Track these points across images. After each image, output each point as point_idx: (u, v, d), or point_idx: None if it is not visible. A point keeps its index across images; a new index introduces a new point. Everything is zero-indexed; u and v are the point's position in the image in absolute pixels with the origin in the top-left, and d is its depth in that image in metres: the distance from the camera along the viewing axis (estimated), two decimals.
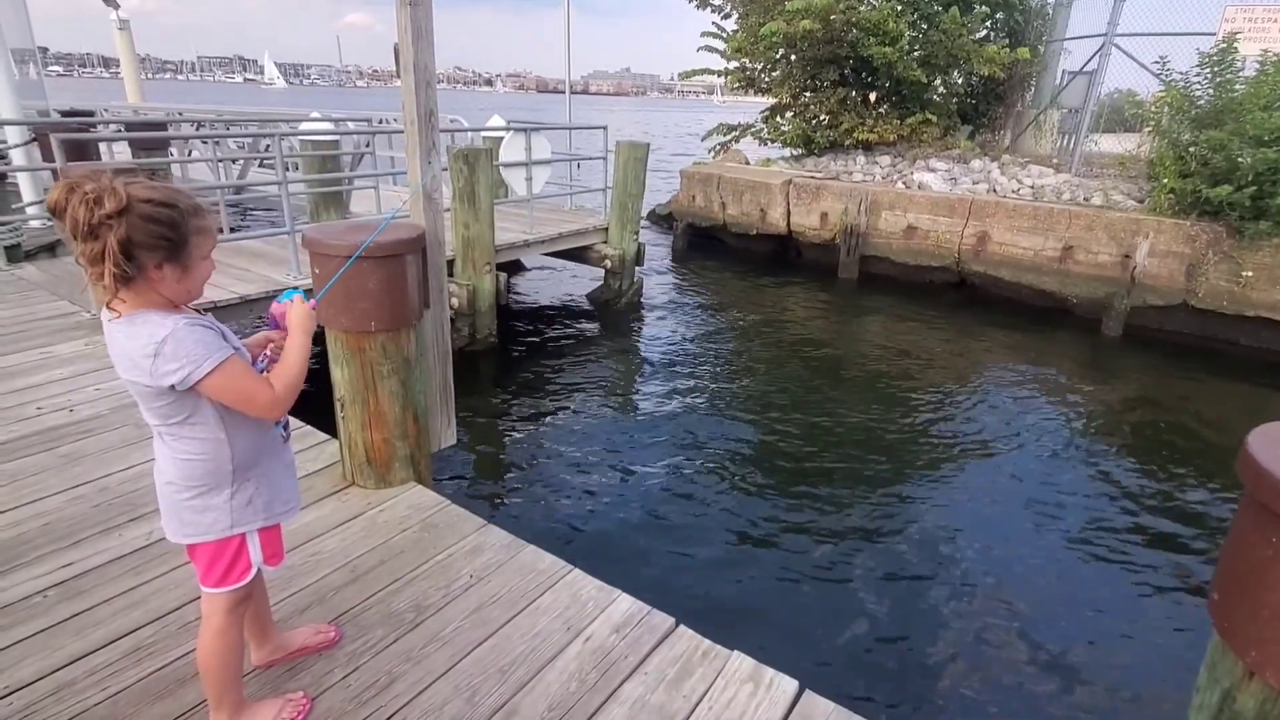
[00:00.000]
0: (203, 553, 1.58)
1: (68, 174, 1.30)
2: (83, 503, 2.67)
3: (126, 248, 1.28)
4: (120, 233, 1.27)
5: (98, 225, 1.26)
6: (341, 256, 2.55)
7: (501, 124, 8.64)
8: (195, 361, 1.37)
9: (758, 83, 12.85)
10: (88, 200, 1.25)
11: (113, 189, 1.27)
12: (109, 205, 1.26)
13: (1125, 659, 3.22)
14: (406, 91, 3.07)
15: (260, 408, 1.49)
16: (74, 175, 1.29)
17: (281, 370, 1.53)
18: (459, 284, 6.29)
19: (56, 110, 9.48)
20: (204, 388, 1.40)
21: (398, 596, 2.26)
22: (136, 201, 1.29)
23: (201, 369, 1.38)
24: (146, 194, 1.31)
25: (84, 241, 1.27)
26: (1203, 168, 7.49)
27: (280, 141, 5.67)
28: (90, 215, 1.25)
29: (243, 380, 1.45)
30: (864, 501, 4.40)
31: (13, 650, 1.96)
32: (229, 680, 1.66)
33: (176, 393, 1.40)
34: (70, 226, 1.27)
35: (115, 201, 1.26)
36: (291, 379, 1.53)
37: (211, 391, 1.42)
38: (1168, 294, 7.66)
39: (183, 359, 1.36)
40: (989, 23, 11.76)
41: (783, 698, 1.93)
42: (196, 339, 1.38)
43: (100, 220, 1.26)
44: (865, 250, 9.82)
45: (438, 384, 3.53)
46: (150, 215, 1.30)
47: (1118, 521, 4.33)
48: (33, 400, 3.51)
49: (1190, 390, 6.67)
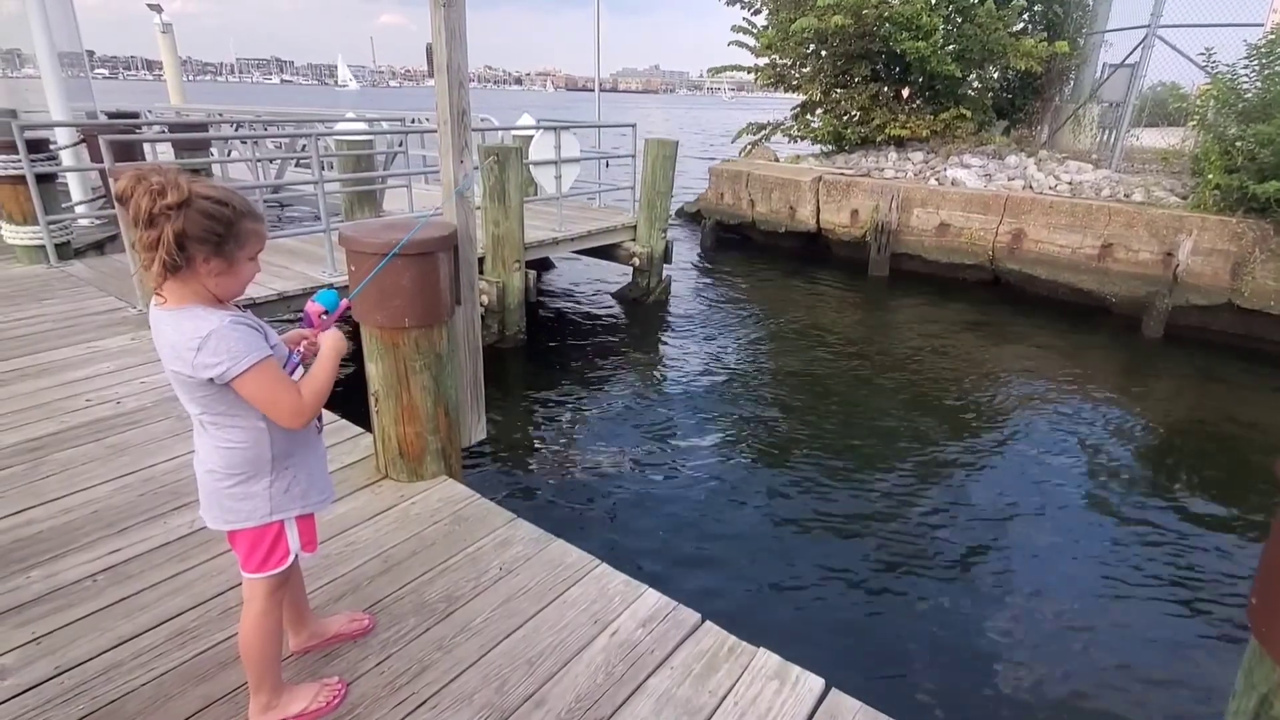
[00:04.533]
0: (243, 539, 1.64)
1: (140, 172, 1.39)
2: (129, 491, 2.77)
3: (180, 239, 1.36)
4: (177, 224, 1.35)
5: (158, 215, 1.34)
6: (377, 254, 2.61)
7: (531, 122, 8.71)
8: (235, 358, 1.42)
9: (788, 79, 12.73)
10: (152, 191, 1.34)
11: (176, 183, 1.35)
12: (171, 197, 1.34)
13: (1160, 662, 3.15)
14: (440, 91, 3.12)
15: (285, 413, 1.53)
16: (143, 168, 1.38)
17: (309, 383, 1.59)
18: (489, 281, 6.36)
19: (103, 112, 9.77)
20: (238, 385, 1.46)
21: (429, 587, 2.31)
22: (196, 197, 1.37)
23: (239, 366, 1.43)
24: (206, 191, 1.40)
25: (143, 229, 1.36)
26: (1250, 163, 7.26)
27: (316, 141, 5.79)
28: (152, 204, 1.34)
29: (274, 385, 1.50)
30: (895, 501, 4.36)
31: (65, 631, 2.05)
32: (269, 663, 1.72)
33: (215, 385, 1.46)
34: (132, 213, 1.35)
35: (177, 194, 1.35)
36: (318, 393, 1.59)
37: (243, 390, 1.47)
38: (1212, 293, 7.44)
39: (223, 355, 1.42)
40: (1026, 15, 11.51)
41: (809, 695, 1.93)
42: (239, 336, 1.44)
43: (161, 210, 1.34)
44: (896, 248, 9.69)
45: (468, 379, 3.59)
46: (206, 211, 1.39)
47: (1156, 522, 4.23)
48: (82, 393, 3.64)
49: (1234, 392, 6.47)
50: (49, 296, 5.18)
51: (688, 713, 1.87)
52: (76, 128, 7.10)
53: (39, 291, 5.29)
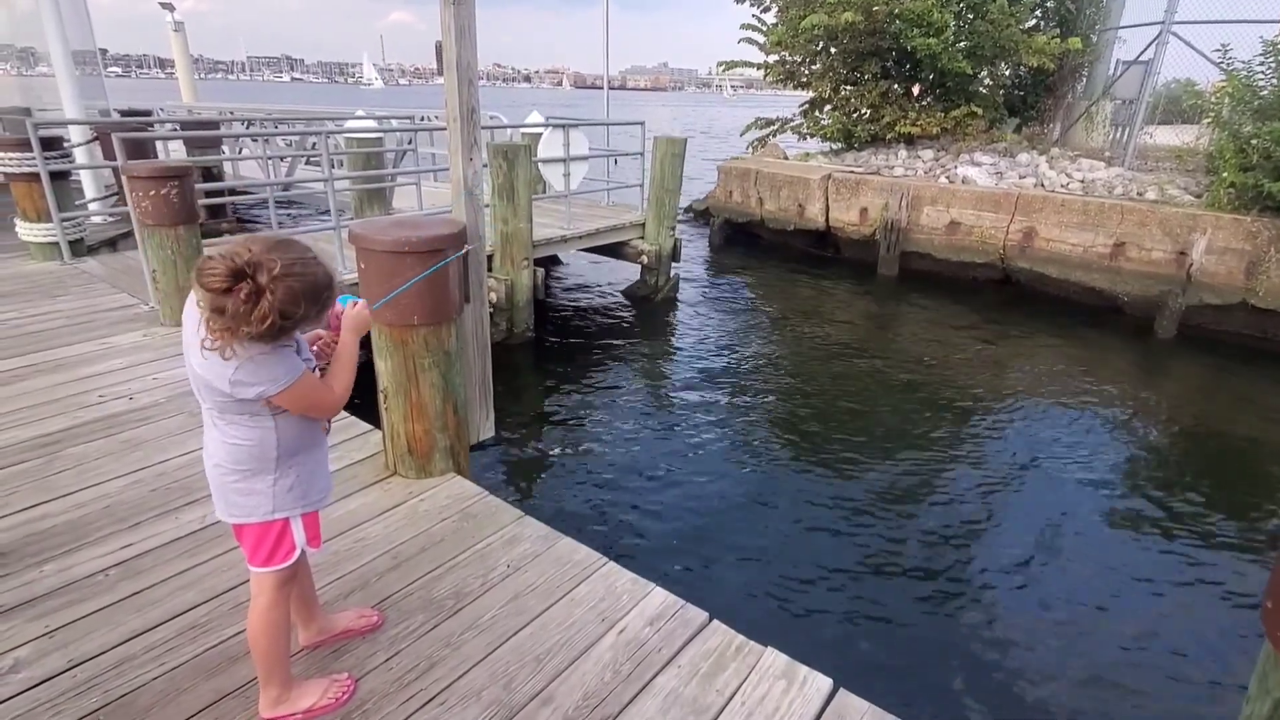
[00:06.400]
0: (248, 534, 1.66)
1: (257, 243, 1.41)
2: (141, 487, 2.79)
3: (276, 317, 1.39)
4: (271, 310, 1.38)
5: (263, 314, 1.37)
6: (384, 252, 2.62)
7: (540, 120, 8.71)
8: (273, 380, 1.48)
9: (797, 76, 12.68)
10: (262, 285, 1.37)
11: (269, 269, 1.38)
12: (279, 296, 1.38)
13: (1173, 668, 3.12)
14: (449, 89, 3.13)
15: (325, 410, 1.64)
16: (255, 246, 1.40)
17: (336, 372, 1.66)
18: (497, 279, 6.37)
19: (116, 110, 9.85)
20: (277, 400, 1.51)
21: (438, 584, 2.32)
22: (289, 275, 1.40)
23: (277, 386, 1.48)
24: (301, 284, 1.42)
25: (217, 314, 1.37)
26: (1265, 161, 7.17)
27: (326, 139, 5.81)
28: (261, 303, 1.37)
29: (312, 393, 1.57)
30: (904, 501, 4.34)
31: (78, 625, 2.07)
32: (277, 657, 1.73)
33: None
34: (234, 299, 1.36)
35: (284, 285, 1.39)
36: (347, 379, 1.67)
37: (282, 402, 1.53)
38: (1226, 293, 7.36)
39: (263, 378, 1.46)
40: (1038, 11, 11.41)
41: (817, 695, 1.92)
42: (276, 360, 1.48)
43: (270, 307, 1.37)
44: (906, 246, 9.64)
45: (477, 377, 3.60)
46: (299, 291, 1.42)
47: (1169, 525, 4.19)
48: (95, 388, 3.67)
49: (1249, 393, 6.40)
50: (63, 293, 5.23)
51: (695, 712, 1.87)
52: (90, 125, 7.15)
53: (53, 288, 5.34)
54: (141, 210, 4.43)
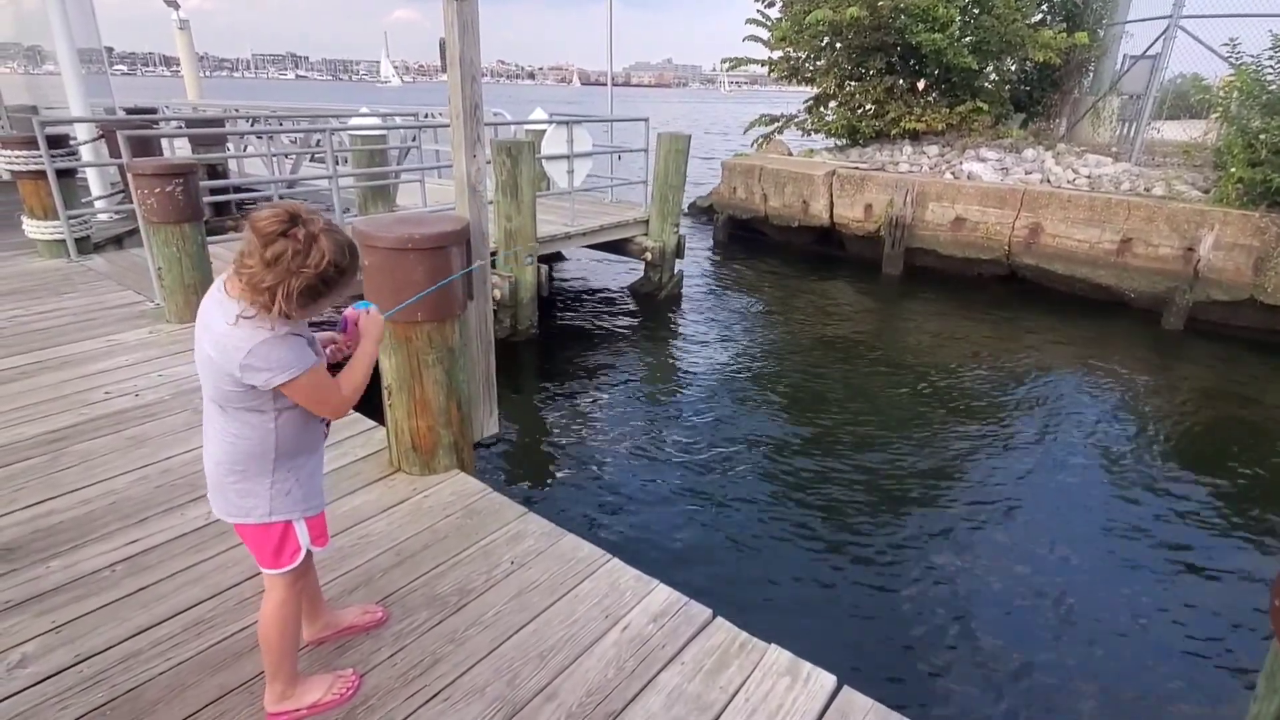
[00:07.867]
0: (249, 535, 1.66)
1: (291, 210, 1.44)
2: (147, 483, 2.80)
3: (295, 292, 1.43)
4: (298, 282, 1.42)
5: (291, 272, 1.41)
6: (388, 249, 2.62)
7: (544, 117, 8.70)
8: (282, 368, 1.47)
9: (802, 72, 12.64)
10: (297, 249, 1.41)
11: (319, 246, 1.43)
12: (311, 261, 1.42)
13: (1180, 664, 3.11)
14: (452, 86, 3.13)
15: (329, 409, 1.62)
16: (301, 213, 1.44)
17: (349, 375, 1.65)
18: (501, 275, 6.37)
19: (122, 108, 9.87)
20: (284, 389, 1.51)
21: (442, 580, 2.32)
22: (327, 264, 1.44)
23: (286, 375, 1.48)
24: (334, 257, 1.45)
25: (264, 264, 1.40)
26: (1274, 156, 7.12)
27: (330, 137, 5.82)
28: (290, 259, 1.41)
29: (320, 388, 1.56)
30: (909, 497, 4.33)
31: (84, 620, 2.08)
32: (286, 652, 1.74)
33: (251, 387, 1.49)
34: (270, 252, 1.39)
35: (316, 258, 1.43)
36: (358, 384, 1.66)
37: (287, 391, 1.52)
38: (1234, 289, 7.32)
39: (273, 364, 1.46)
40: (1044, 6, 11.33)
41: (820, 692, 1.92)
42: (288, 347, 1.47)
43: (295, 269, 1.41)
44: (911, 243, 9.60)
45: (481, 374, 3.60)
46: (325, 276, 1.45)
47: (1177, 523, 4.18)
48: (101, 385, 3.69)
49: (1257, 388, 6.36)
50: (69, 290, 5.25)
51: (698, 709, 1.87)
52: (96, 123, 7.18)
53: (59, 285, 5.37)
54: (147, 207, 4.44)
